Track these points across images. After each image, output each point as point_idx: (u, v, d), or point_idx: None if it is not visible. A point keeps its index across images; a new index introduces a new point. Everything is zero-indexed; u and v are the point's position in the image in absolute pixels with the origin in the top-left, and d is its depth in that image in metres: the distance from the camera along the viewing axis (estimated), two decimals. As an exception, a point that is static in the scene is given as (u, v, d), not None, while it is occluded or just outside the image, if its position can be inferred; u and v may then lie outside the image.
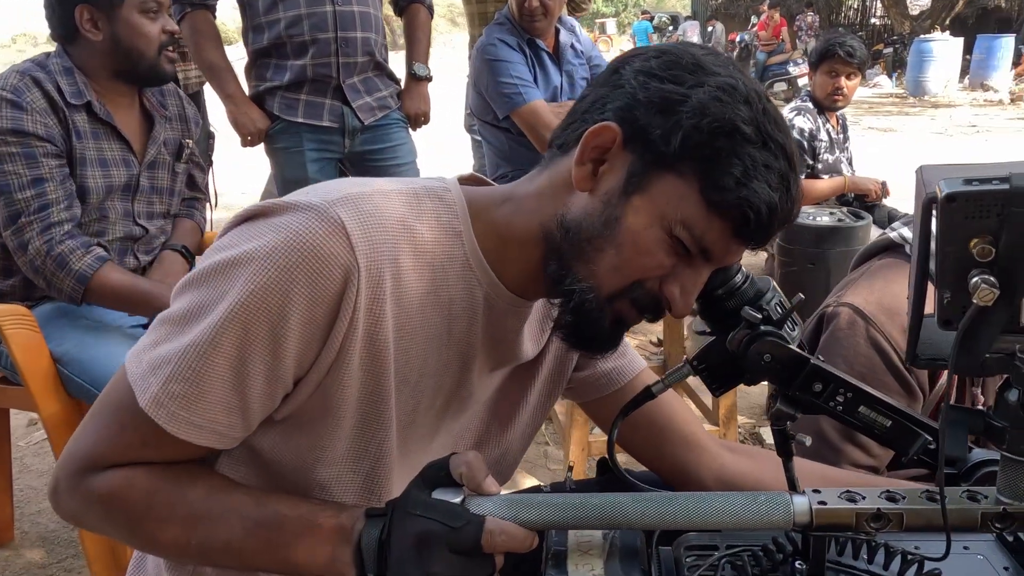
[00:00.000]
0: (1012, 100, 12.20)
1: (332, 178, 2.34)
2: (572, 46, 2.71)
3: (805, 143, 3.06)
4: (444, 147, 6.27)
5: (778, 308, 0.78)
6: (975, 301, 0.50)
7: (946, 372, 0.86)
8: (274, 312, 0.66)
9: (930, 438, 0.74)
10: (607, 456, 0.82)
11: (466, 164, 3.36)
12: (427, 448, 0.84)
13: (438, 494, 0.64)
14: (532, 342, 0.86)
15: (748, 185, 0.68)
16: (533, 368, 0.90)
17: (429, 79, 2.44)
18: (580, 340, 0.77)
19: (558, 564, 0.62)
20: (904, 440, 0.75)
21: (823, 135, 3.12)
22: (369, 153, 2.36)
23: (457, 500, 0.63)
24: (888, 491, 0.60)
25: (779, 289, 0.80)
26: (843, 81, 2.99)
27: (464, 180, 0.85)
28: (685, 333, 2.07)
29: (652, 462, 0.97)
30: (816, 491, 0.61)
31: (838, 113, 3.26)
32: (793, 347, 0.74)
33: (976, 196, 0.51)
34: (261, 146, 2.33)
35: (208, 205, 2.09)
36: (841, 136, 3.27)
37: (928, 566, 0.59)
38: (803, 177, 3.10)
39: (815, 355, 0.76)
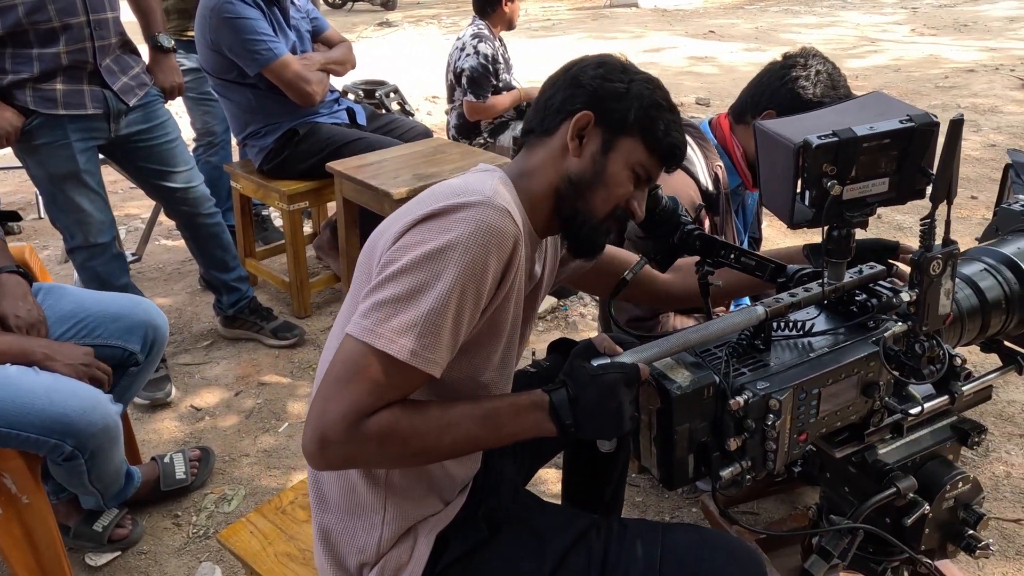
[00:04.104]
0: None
1: (96, 165, 2.27)
2: (292, 2, 2.84)
3: (490, 66, 3.63)
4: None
5: (686, 212, 1.32)
6: (832, 193, 1.09)
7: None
8: (479, 277, 1.00)
9: (773, 265, 1.37)
10: (608, 315, 1.30)
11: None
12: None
13: (595, 361, 1.07)
14: (539, 265, 1.28)
15: (670, 134, 1.18)
16: (540, 282, 1.33)
17: (174, 49, 2.41)
18: (586, 252, 1.22)
19: (665, 378, 1.10)
20: (761, 270, 1.37)
21: (500, 59, 3.72)
22: (138, 134, 2.31)
23: (609, 361, 1.06)
24: (790, 292, 1.20)
25: (678, 200, 1.34)
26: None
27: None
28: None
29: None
30: (762, 302, 1.18)
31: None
32: (708, 234, 1.30)
33: (825, 144, 1.08)
34: None
35: None
36: (508, 55, 3.92)
37: (808, 324, 1.21)
38: (490, 95, 3.70)
39: None
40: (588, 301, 3.08)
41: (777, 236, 3.46)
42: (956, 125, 1.04)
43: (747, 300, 2.18)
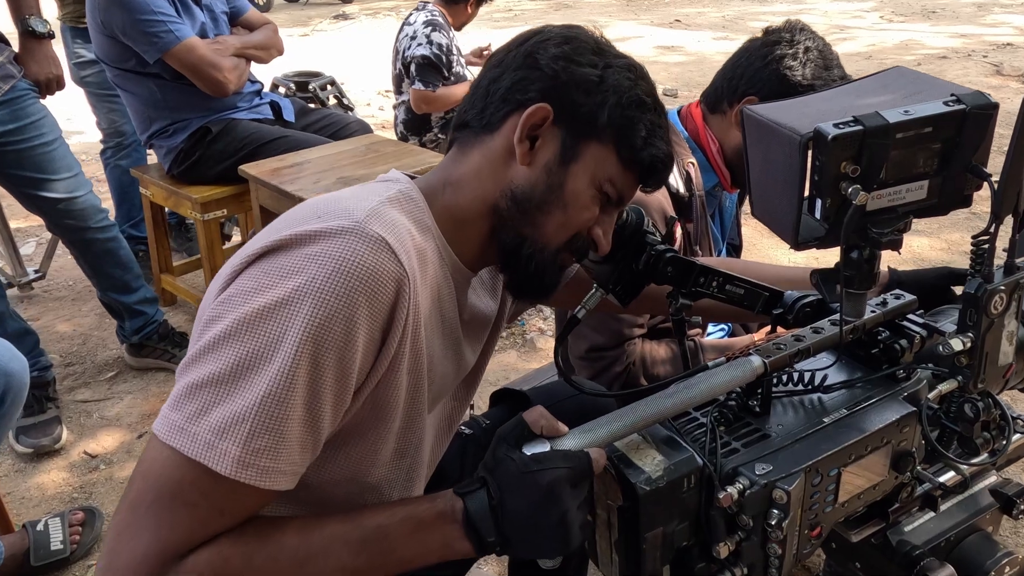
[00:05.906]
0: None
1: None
2: (203, -22, 2.48)
3: (443, 56, 3.29)
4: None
5: (653, 227, 1.01)
6: (854, 203, 0.78)
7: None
8: (340, 340, 0.67)
9: (767, 294, 1.06)
10: (557, 367, 0.99)
11: (87, 120, 2.88)
12: (433, 430, 0.90)
13: (529, 448, 0.74)
14: (489, 300, 0.96)
15: (652, 144, 0.87)
16: (496, 320, 1.01)
17: (51, 36, 2.04)
18: (532, 293, 0.91)
19: (629, 464, 0.78)
20: (751, 300, 1.06)
21: (454, 49, 3.38)
22: (3, 136, 1.94)
23: (548, 448, 0.74)
24: (796, 335, 0.89)
25: (643, 212, 1.02)
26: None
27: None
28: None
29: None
30: (757, 351, 0.86)
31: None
32: (684, 257, 0.98)
33: (845, 135, 0.77)
34: None
35: None
36: (459, 46, 3.58)
37: (820, 374, 0.90)
38: (441, 86, 3.36)
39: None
40: (548, 314, 2.76)
41: (754, 236, 3.17)
42: (1033, 105, 0.74)
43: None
